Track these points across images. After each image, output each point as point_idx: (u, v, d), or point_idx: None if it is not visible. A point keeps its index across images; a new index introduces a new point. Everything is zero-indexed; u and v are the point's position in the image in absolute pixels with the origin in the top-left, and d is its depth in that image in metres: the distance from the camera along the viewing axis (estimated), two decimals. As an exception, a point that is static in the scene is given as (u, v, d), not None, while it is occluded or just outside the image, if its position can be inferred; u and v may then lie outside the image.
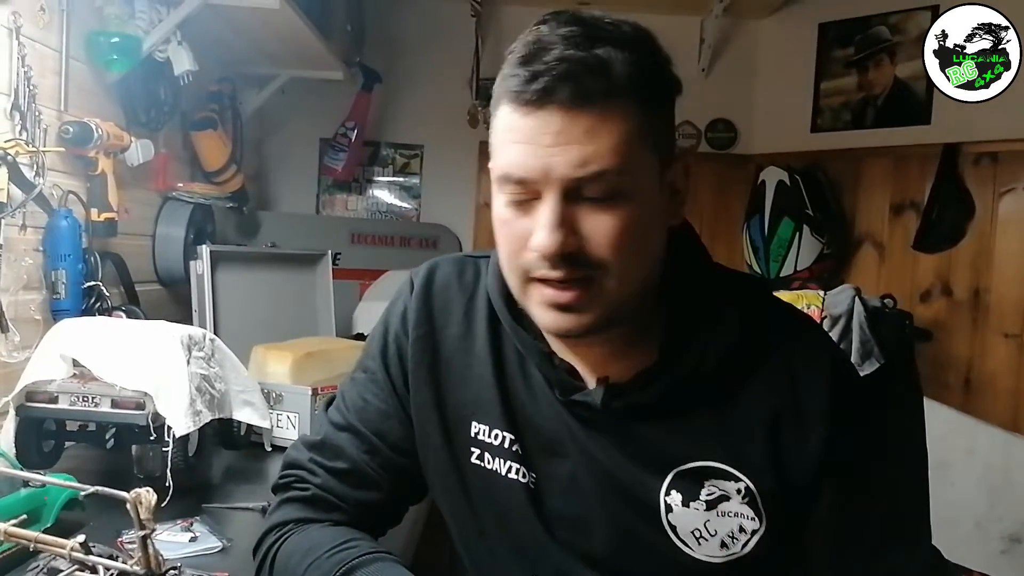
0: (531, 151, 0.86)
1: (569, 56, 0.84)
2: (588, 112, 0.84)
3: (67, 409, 1.45)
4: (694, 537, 0.96)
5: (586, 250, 0.87)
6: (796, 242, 3.30)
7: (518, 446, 1.02)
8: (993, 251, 3.02)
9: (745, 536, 0.95)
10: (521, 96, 0.85)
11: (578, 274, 0.88)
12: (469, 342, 1.06)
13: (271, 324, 2.39)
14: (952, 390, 3.04)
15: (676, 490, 0.96)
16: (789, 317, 1.03)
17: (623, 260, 0.88)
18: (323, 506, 1.07)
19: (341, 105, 3.50)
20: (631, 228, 0.87)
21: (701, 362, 0.95)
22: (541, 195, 0.87)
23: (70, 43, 1.81)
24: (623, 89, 0.85)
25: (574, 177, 0.85)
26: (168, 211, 2.44)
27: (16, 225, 1.63)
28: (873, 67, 3.40)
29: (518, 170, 0.87)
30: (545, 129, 0.85)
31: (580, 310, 0.90)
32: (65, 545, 0.76)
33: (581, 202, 0.86)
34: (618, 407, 0.96)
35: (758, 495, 0.94)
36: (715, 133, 3.82)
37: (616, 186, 0.86)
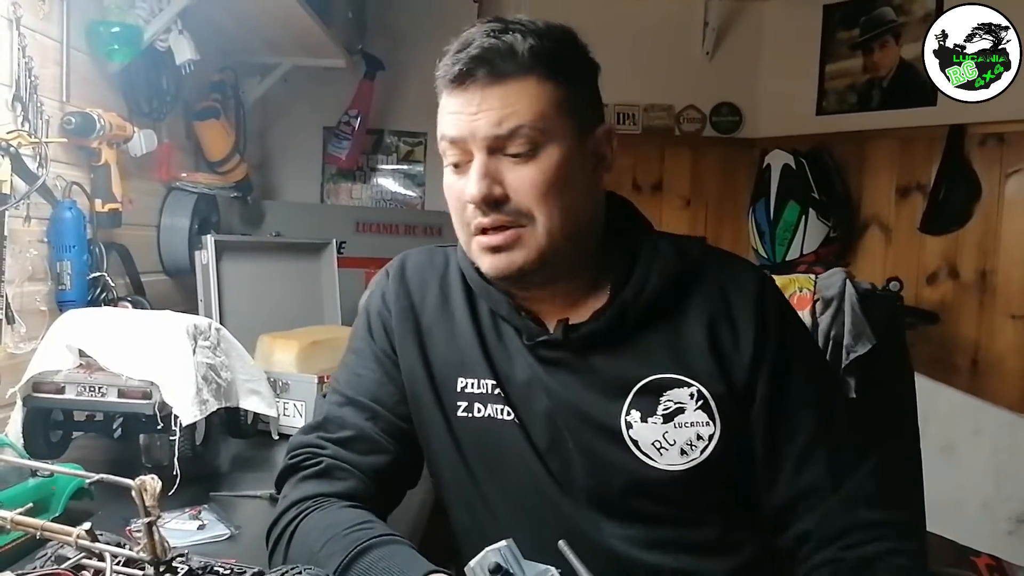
0: (460, 119, 1.05)
1: (483, 43, 1.04)
2: (501, 85, 1.03)
3: (74, 399, 1.45)
4: (655, 448, 1.07)
5: (511, 198, 1.04)
6: (802, 226, 3.30)
7: (499, 389, 1.13)
8: (1000, 232, 3.01)
9: (703, 443, 1.07)
10: (449, 79, 1.05)
11: (506, 220, 1.05)
12: (448, 310, 1.18)
13: (276, 313, 2.39)
14: (959, 372, 3.04)
15: (635, 408, 1.08)
16: (722, 252, 1.19)
17: (545, 207, 1.04)
18: (338, 475, 1.10)
19: (344, 93, 3.49)
20: (549, 179, 1.04)
21: (644, 286, 1.09)
22: (471, 155, 1.05)
23: (71, 33, 1.81)
24: (530, 67, 1.03)
25: (493, 134, 1.03)
26: (172, 201, 2.44)
27: (20, 217, 1.63)
28: (878, 49, 3.38)
29: (451, 132, 1.06)
30: (469, 102, 1.04)
31: (510, 250, 1.06)
32: (71, 533, 0.76)
33: (504, 157, 1.04)
34: (575, 339, 1.09)
35: (710, 398, 1.07)
36: (720, 117, 3.81)
37: (533, 140, 1.03)
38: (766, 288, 1.13)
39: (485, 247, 1.07)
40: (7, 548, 1.06)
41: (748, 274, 1.15)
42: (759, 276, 1.15)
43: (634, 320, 1.09)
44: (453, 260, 1.21)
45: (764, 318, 1.09)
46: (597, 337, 1.10)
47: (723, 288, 1.11)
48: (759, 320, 1.09)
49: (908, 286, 3.03)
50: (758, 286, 1.12)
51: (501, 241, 1.06)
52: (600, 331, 1.09)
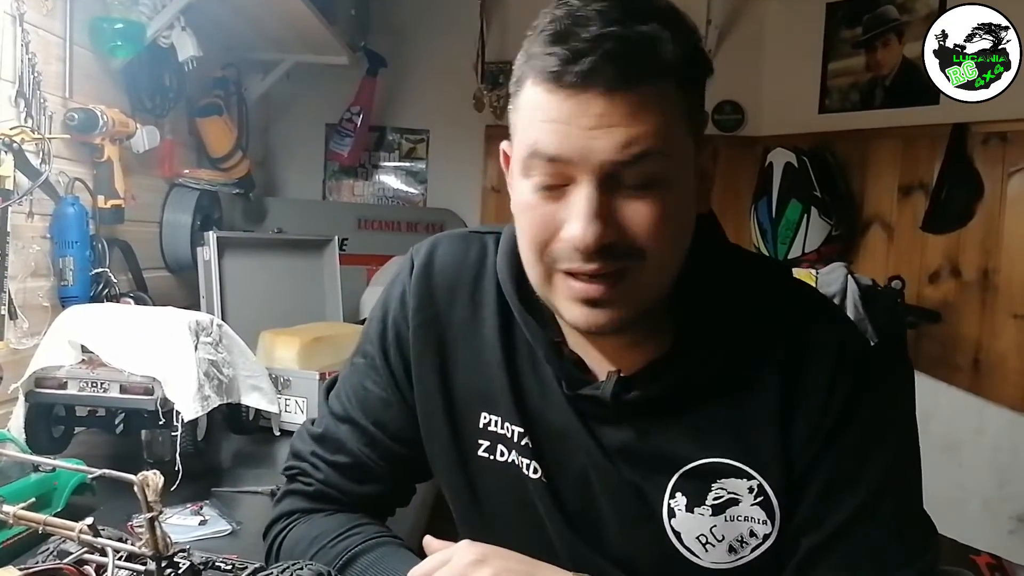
0: (568, 131, 0.79)
1: (611, 33, 0.77)
2: (632, 94, 0.78)
3: (76, 395, 1.46)
4: (700, 543, 0.91)
5: (623, 241, 0.81)
6: (804, 224, 3.29)
7: (528, 439, 0.96)
8: (1002, 231, 3.00)
9: (756, 540, 0.90)
10: (559, 78, 0.78)
11: (613, 267, 0.82)
12: (476, 325, 1.00)
13: (278, 310, 2.39)
14: (961, 371, 3.03)
15: (681, 492, 0.91)
16: (805, 302, 0.96)
17: (661, 251, 0.82)
18: (326, 500, 1.06)
19: (346, 90, 3.49)
20: (670, 216, 0.82)
21: (712, 354, 0.90)
22: (575, 179, 0.81)
23: (74, 29, 1.81)
24: (668, 70, 0.80)
25: (615, 160, 0.79)
26: (175, 198, 2.44)
27: (23, 212, 1.63)
28: (881, 47, 3.38)
29: (552, 147, 0.80)
30: (585, 112, 0.78)
31: (612, 305, 0.84)
32: (74, 528, 0.76)
33: (618, 189, 0.80)
34: (627, 401, 0.90)
35: (772, 494, 0.89)
36: (722, 115, 3.80)
37: (657, 171, 0.80)
38: (847, 350, 0.90)
39: (582, 297, 0.84)
40: (9, 543, 1.06)
41: (830, 332, 0.91)
42: (841, 332, 0.92)
43: (694, 388, 0.90)
44: (490, 261, 1.00)
45: (832, 391, 0.88)
46: (649, 403, 0.91)
47: (804, 354, 0.89)
48: (827, 393, 0.88)
49: (910, 285, 3.02)
50: (837, 348, 0.89)
51: (603, 294, 0.83)
52: (653, 397, 0.90)
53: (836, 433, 0.88)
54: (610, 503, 0.94)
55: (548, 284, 0.87)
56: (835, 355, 0.89)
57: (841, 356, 0.89)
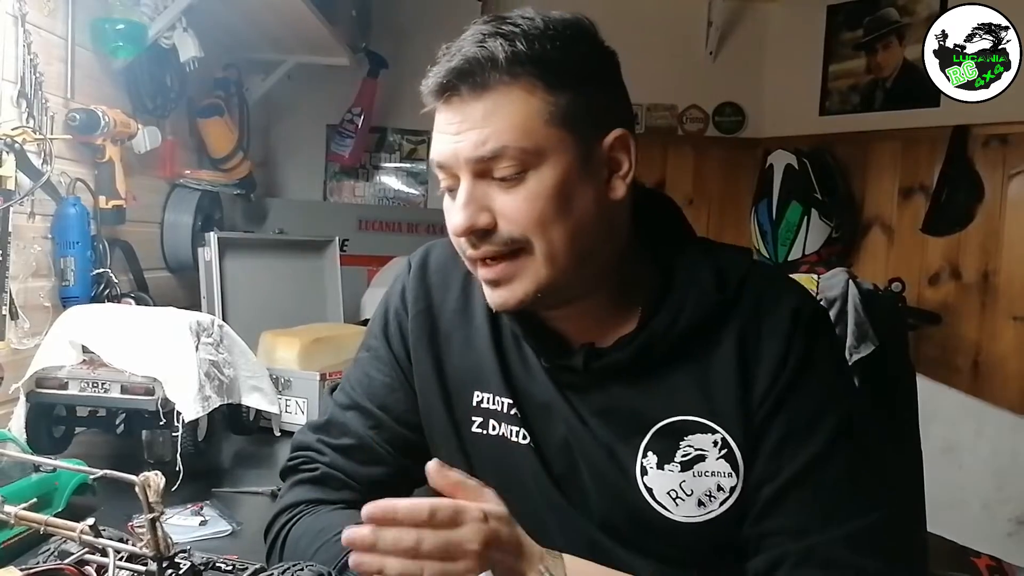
0: (445, 139, 0.95)
1: (464, 53, 0.93)
2: (483, 99, 0.92)
3: (77, 395, 1.46)
4: (670, 498, 0.98)
5: (501, 228, 0.93)
6: (804, 226, 3.30)
7: (516, 409, 1.05)
8: (1002, 234, 3.01)
9: (723, 494, 0.97)
10: (433, 94, 0.95)
11: (496, 250, 0.94)
12: (468, 316, 1.10)
13: (279, 310, 2.39)
14: (961, 373, 3.04)
15: (652, 451, 0.99)
16: (767, 273, 1.06)
17: (542, 233, 0.93)
18: (332, 484, 1.08)
19: (347, 91, 3.50)
20: (544, 203, 0.92)
21: (676, 320, 0.98)
22: (460, 180, 0.95)
23: (75, 30, 1.81)
24: (514, 75, 0.91)
25: (475, 156, 0.92)
26: (176, 198, 2.44)
27: (24, 213, 1.63)
28: (882, 49, 3.38)
29: (437, 156, 0.96)
30: (452, 119, 0.94)
31: (509, 283, 0.96)
32: (75, 528, 0.77)
33: (493, 181, 0.93)
34: (597, 368, 0.99)
35: (735, 447, 0.96)
36: (723, 117, 3.81)
37: (520, 161, 0.91)
38: (800, 315, 0.98)
39: (485, 279, 0.98)
40: (10, 543, 1.06)
41: (785, 299, 0.99)
42: (795, 301, 1.00)
43: (662, 354, 0.98)
44: None
45: (786, 352, 0.96)
46: (619, 368, 0.99)
47: (758, 319, 0.98)
48: (781, 354, 0.96)
49: (910, 287, 3.03)
50: (791, 313, 0.98)
51: (497, 275, 0.95)
52: (623, 363, 0.99)
53: (790, 390, 0.96)
54: (588, 466, 1.02)
55: (475, 271, 1.00)
56: (789, 319, 0.97)
57: (795, 320, 0.97)
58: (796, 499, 0.94)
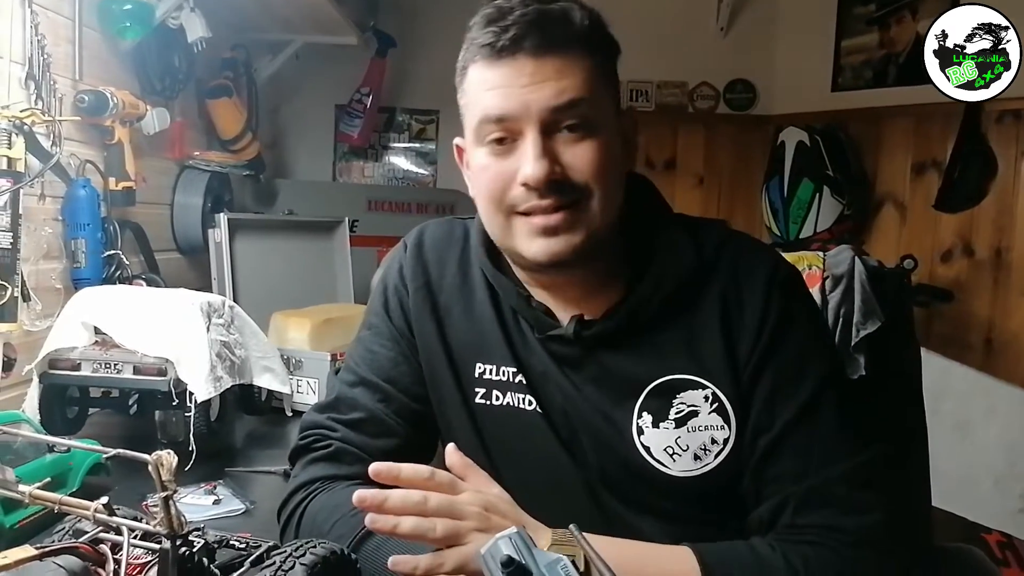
0: (508, 92, 0.97)
1: (532, 10, 0.97)
2: (554, 56, 0.96)
3: (90, 376, 1.47)
4: (667, 454, 1.03)
5: (569, 176, 0.98)
6: (816, 203, 3.28)
7: (522, 377, 1.09)
8: (1016, 210, 2.98)
9: (717, 447, 1.02)
10: (493, 49, 0.97)
11: (564, 200, 0.98)
12: (468, 288, 1.14)
13: (289, 291, 2.40)
14: (973, 350, 3.02)
15: (647, 411, 1.03)
16: (741, 239, 1.11)
17: (601, 185, 0.99)
18: (346, 459, 1.09)
19: (356, 71, 3.48)
20: (605, 156, 0.99)
21: (659, 285, 1.04)
22: (522, 132, 0.98)
23: (83, 11, 1.81)
24: (582, 37, 0.98)
25: (551, 107, 0.96)
26: (185, 180, 2.45)
27: (35, 195, 1.64)
28: (895, 24, 3.35)
29: (498, 109, 0.98)
30: (520, 72, 0.96)
31: (568, 232, 0.99)
32: (89, 507, 0.77)
33: (558, 133, 0.98)
34: (587, 336, 1.04)
35: (725, 400, 1.02)
36: (734, 94, 3.78)
37: (588, 116, 0.98)
38: (776, 276, 1.05)
39: (539, 229, 1.00)
40: (25, 522, 1.08)
41: (760, 262, 1.06)
42: (770, 263, 1.06)
43: (647, 319, 1.04)
44: (474, 236, 1.16)
45: (766, 310, 1.02)
46: (608, 336, 1.05)
47: (736, 280, 1.04)
48: (762, 312, 1.02)
49: (922, 264, 3.01)
50: (767, 274, 1.04)
51: (559, 222, 0.99)
52: (612, 331, 1.04)
53: (775, 344, 1.02)
54: (587, 431, 1.06)
55: (508, 230, 1.03)
56: (766, 277, 1.04)
57: (772, 278, 1.04)
58: (792, 446, 0.99)
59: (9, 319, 1.47)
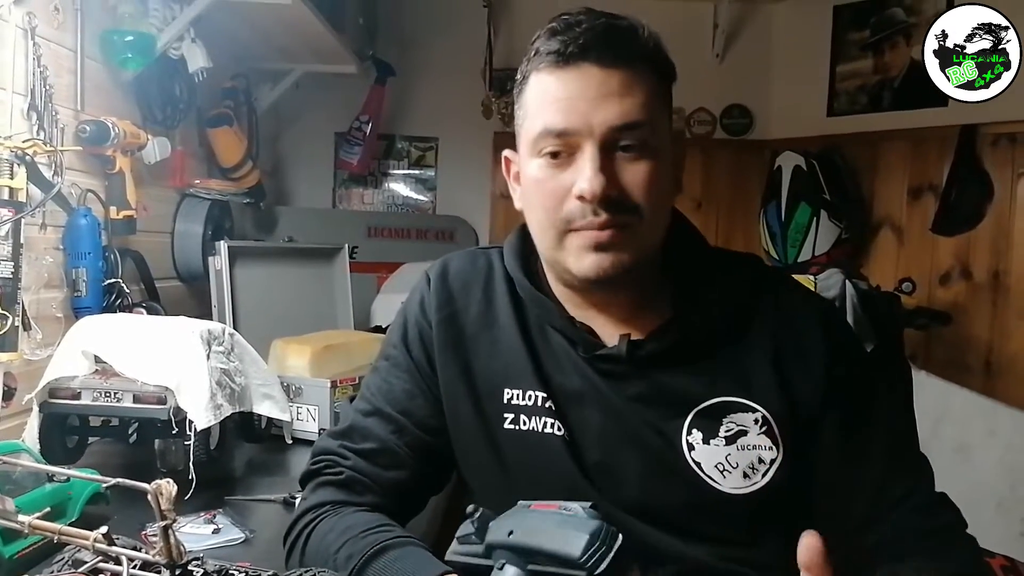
0: (572, 104, 0.97)
1: (601, 23, 0.98)
2: (621, 70, 0.97)
3: (90, 405, 1.47)
4: (718, 471, 1.03)
5: (623, 197, 0.98)
6: (814, 227, 3.29)
7: (551, 402, 1.08)
8: (1012, 232, 2.99)
9: (764, 466, 1.03)
10: (559, 57, 0.97)
11: (618, 219, 0.98)
12: (491, 317, 1.13)
13: (290, 318, 2.40)
14: (973, 372, 3.02)
15: (696, 429, 1.04)
16: (784, 277, 1.19)
17: (653, 207, 1.00)
18: (356, 488, 1.10)
19: (355, 99, 3.51)
20: (659, 179, 0.99)
21: (712, 310, 1.06)
22: (580, 147, 0.98)
23: (85, 42, 1.83)
24: (648, 54, 0.99)
25: (615, 126, 0.96)
26: (186, 208, 2.46)
27: (36, 224, 1.65)
28: (889, 49, 3.38)
29: (560, 123, 0.98)
30: (586, 83, 0.96)
31: (618, 249, 1.00)
32: (88, 537, 0.77)
33: (617, 152, 0.98)
34: (640, 356, 1.04)
35: (773, 422, 1.03)
36: (730, 119, 3.81)
37: (646, 138, 0.98)
38: (834, 317, 1.13)
39: (591, 244, 1.00)
40: (25, 552, 1.07)
41: (814, 301, 1.13)
42: (825, 304, 1.15)
43: (697, 343, 1.05)
44: (497, 265, 1.16)
45: (835, 348, 1.06)
46: (660, 355, 1.05)
47: (790, 316, 1.07)
48: (831, 351, 1.05)
49: (920, 287, 3.02)
50: (825, 315, 1.10)
51: (611, 238, 0.99)
52: (664, 350, 1.05)
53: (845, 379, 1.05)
54: (632, 446, 1.05)
55: (559, 245, 1.03)
56: (821, 315, 1.09)
57: (827, 317, 1.09)
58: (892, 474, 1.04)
59: (10, 348, 1.48)
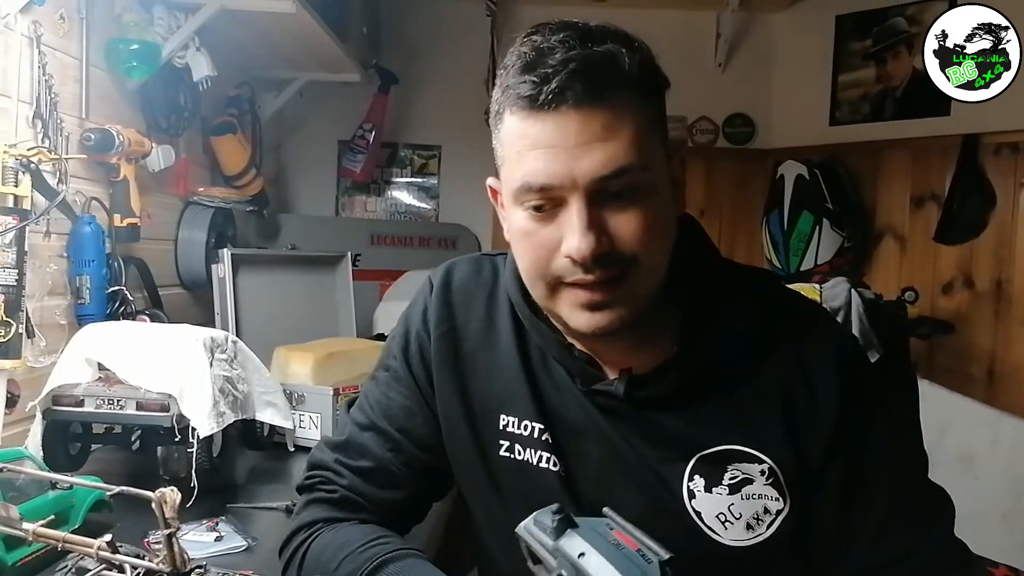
0: (553, 155, 0.86)
1: (575, 55, 0.84)
2: (603, 108, 0.85)
3: (93, 412, 1.47)
4: (719, 521, 0.96)
5: (616, 248, 0.88)
6: (816, 236, 3.29)
7: (548, 435, 1.02)
8: (1015, 241, 2.99)
9: (770, 517, 0.96)
10: (534, 100, 0.85)
11: (611, 274, 0.89)
12: (492, 336, 1.07)
13: (292, 325, 2.41)
14: (976, 382, 3.02)
15: (699, 475, 0.97)
16: (797, 304, 1.06)
17: (650, 252, 0.90)
18: (350, 507, 1.08)
19: (358, 107, 3.52)
20: (654, 222, 0.89)
21: (717, 351, 0.97)
22: (565, 201, 0.88)
23: (90, 51, 1.83)
24: (632, 81, 0.87)
25: (600, 176, 0.86)
26: (189, 215, 2.46)
27: (40, 232, 1.65)
28: (891, 58, 3.38)
29: (541, 177, 0.87)
30: (565, 130, 0.85)
31: (613, 307, 0.91)
32: (92, 544, 0.77)
33: (606, 202, 0.88)
34: (640, 397, 0.97)
35: (780, 474, 0.96)
36: (733, 128, 3.81)
37: (638, 181, 0.87)
38: (847, 354, 0.99)
39: (585, 303, 0.91)
40: (28, 560, 1.07)
41: (829, 337, 1.00)
42: (840, 339, 1.01)
43: (700, 385, 0.97)
44: (501, 279, 1.09)
45: (846, 392, 0.96)
46: (660, 398, 0.98)
47: (800, 353, 0.97)
48: (842, 394, 0.96)
49: (923, 296, 3.01)
50: (839, 352, 0.98)
51: (604, 298, 0.90)
52: (664, 393, 0.97)
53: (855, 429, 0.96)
54: (631, 488, 0.99)
55: (552, 298, 0.94)
56: (835, 355, 0.98)
57: (841, 357, 0.98)
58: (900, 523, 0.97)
59: (14, 355, 1.48)
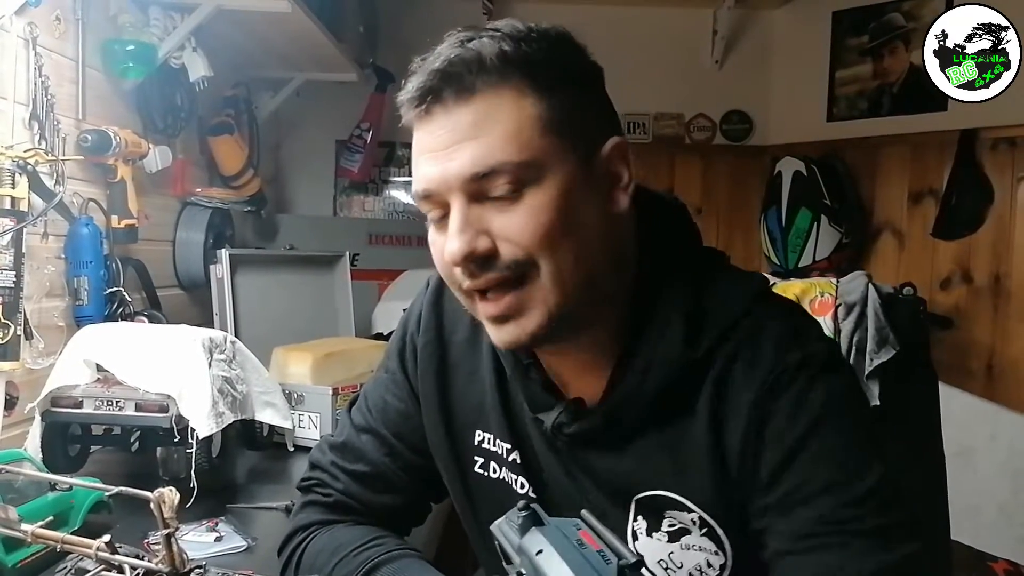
0: (432, 160, 0.84)
1: (446, 56, 0.83)
2: (470, 105, 0.82)
3: (92, 413, 1.47)
4: (661, 568, 0.90)
5: (503, 250, 0.83)
6: (814, 232, 3.29)
7: (517, 455, 0.99)
8: (1013, 236, 3.00)
9: (714, 571, 0.89)
10: (412, 106, 0.85)
11: (504, 276, 0.84)
12: (476, 348, 1.03)
13: (291, 326, 2.40)
14: (974, 376, 3.02)
15: (642, 516, 0.91)
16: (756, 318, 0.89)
17: (551, 251, 0.83)
18: (344, 511, 1.08)
19: (356, 107, 3.52)
20: (546, 220, 0.82)
21: (641, 386, 0.88)
22: (450, 205, 0.84)
23: (86, 52, 1.83)
24: (503, 76, 0.82)
25: (470, 175, 0.82)
26: (187, 216, 2.46)
27: (38, 233, 1.65)
28: (888, 54, 3.38)
29: (423, 183, 0.86)
30: (436, 132, 0.83)
31: (517, 317, 0.85)
32: (91, 545, 0.77)
33: (488, 202, 0.83)
34: (568, 433, 0.91)
35: (716, 526, 0.87)
36: (730, 125, 3.81)
37: (520, 177, 0.82)
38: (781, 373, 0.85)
39: (491, 317, 0.87)
40: (27, 561, 1.07)
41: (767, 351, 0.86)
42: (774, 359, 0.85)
43: (631, 421, 0.89)
44: None
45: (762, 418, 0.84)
46: (589, 436, 0.91)
47: (734, 373, 0.86)
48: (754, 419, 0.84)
49: (921, 291, 2.99)
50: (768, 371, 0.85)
51: (503, 309, 0.85)
52: (591, 432, 0.90)
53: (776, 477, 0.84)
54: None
55: (473, 309, 0.90)
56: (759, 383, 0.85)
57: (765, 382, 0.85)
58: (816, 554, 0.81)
59: (12, 357, 1.48)
